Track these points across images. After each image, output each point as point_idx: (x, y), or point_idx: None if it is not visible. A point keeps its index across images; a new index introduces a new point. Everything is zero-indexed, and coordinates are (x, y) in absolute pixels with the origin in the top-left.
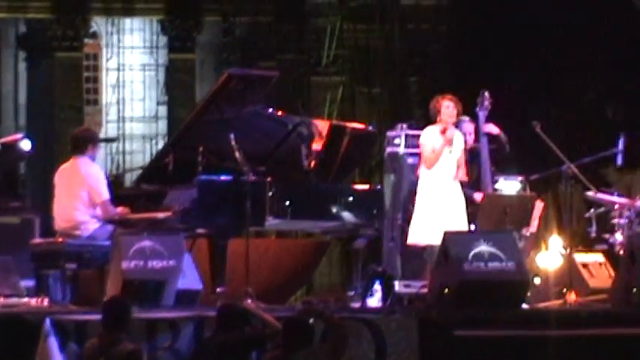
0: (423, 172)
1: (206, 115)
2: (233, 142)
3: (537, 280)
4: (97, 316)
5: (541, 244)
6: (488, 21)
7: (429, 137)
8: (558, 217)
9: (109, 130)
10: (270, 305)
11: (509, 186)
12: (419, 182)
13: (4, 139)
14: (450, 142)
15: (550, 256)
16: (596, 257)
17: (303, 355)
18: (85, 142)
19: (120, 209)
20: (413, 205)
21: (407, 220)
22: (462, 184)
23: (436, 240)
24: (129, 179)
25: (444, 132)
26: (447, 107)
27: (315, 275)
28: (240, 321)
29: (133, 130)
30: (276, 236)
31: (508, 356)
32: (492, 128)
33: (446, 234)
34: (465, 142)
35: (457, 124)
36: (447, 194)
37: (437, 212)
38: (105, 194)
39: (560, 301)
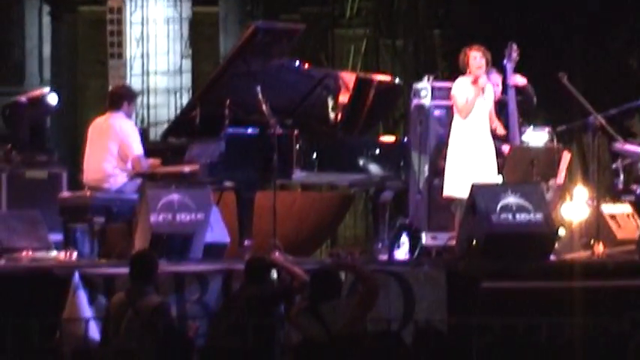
0: (456, 123)
1: (232, 68)
2: (260, 95)
3: (562, 231)
4: (125, 270)
5: (566, 195)
6: None
7: (461, 88)
8: (583, 169)
9: (133, 83)
10: (297, 258)
11: (537, 137)
12: (451, 133)
13: (30, 94)
14: (482, 91)
15: (575, 207)
16: (624, 208)
17: (330, 306)
18: (120, 98)
19: (151, 161)
20: (440, 158)
21: (433, 173)
22: (494, 132)
23: (465, 193)
24: (153, 133)
25: (475, 82)
26: (475, 58)
27: (339, 228)
28: (268, 274)
29: (157, 84)
30: (301, 190)
31: (535, 308)
32: (519, 80)
33: (473, 186)
34: (494, 92)
35: (486, 75)
36: (480, 145)
37: (469, 164)
38: (138, 149)
39: (588, 253)
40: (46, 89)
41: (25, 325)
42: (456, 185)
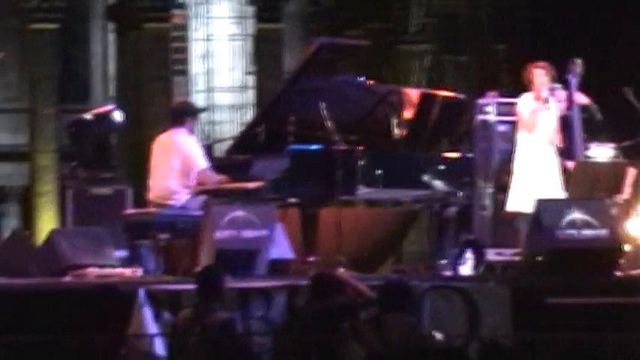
0: (521, 138)
1: (296, 84)
2: (324, 111)
3: (627, 248)
4: (190, 286)
5: (631, 211)
6: None
7: (526, 104)
8: None
9: (197, 100)
10: (362, 274)
11: (602, 153)
12: (517, 149)
13: (96, 110)
14: (545, 101)
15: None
16: None
17: (394, 319)
18: (183, 114)
19: (219, 177)
20: (504, 173)
21: (498, 188)
22: (558, 148)
23: (530, 207)
24: (218, 149)
25: (537, 98)
26: (538, 75)
27: (404, 244)
28: (333, 290)
29: (221, 101)
30: (365, 206)
31: (601, 324)
32: (582, 98)
33: (538, 201)
34: (558, 108)
35: (550, 91)
36: (545, 160)
37: (534, 179)
38: (202, 163)
39: None
40: (112, 106)
41: (90, 341)
42: (520, 200)
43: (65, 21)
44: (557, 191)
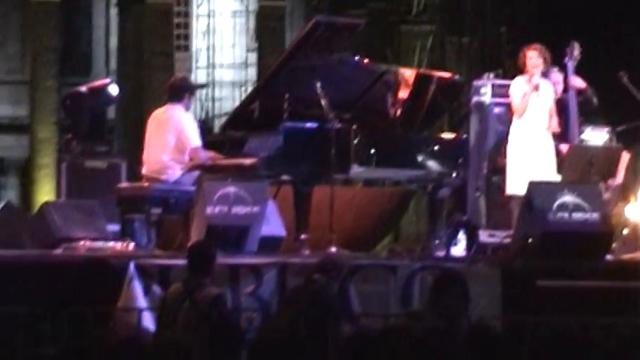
0: (514, 121)
1: (292, 62)
2: (319, 90)
3: (625, 232)
4: (181, 261)
5: (630, 196)
6: None
7: (517, 87)
8: None
9: (198, 76)
10: (355, 253)
11: (596, 137)
12: (510, 132)
13: (91, 84)
14: (535, 88)
15: (639, 208)
16: None
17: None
18: (181, 90)
19: (212, 154)
20: (499, 155)
21: (492, 170)
22: (553, 134)
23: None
24: (218, 125)
25: (529, 81)
26: (530, 58)
27: (402, 224)
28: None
29: (222, 77)
30: (362, 185)
31: (590, 307)
32: (579, 82)
33: (530, 184)
34: (555, 91)
35: (546, 74)
36: (537, 144)
37: (527, 162)
38: (195, 141)
39: None
40: (107, 80)
41: (80, 314)
42: (516, 183)
43: None
44: (551, 175)
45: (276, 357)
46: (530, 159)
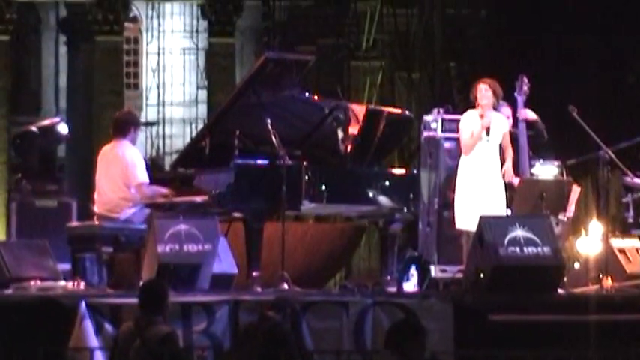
0: (462, 158)
1: (242, 98)
2: (269, 126)
3: (577, 265)
4: (133, 299)
5: (581, 230)
6: (528, 5)
7: (468, 122)
8: (597, 203)
9: (148, 113)
10: (307, 289)
11: (546, 171)
12: (460, 166)
13: (41, 123)
14: (487, 132)
15: (590, 242)
16: (633, 242)
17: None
18: (126, 125)
19: (162, 189)
20: (450, 190)
21: (443, 205)
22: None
23: (474, 226)
24: (168, 163)
25: (482, 117)
26: (481, 90)
27: (354, 260)
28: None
29: (172, 114)
30: (314, 221)
31: (543, 340)
32: (529, 114)
33: (481, 218)
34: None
35: (496, 108)
36: (488, 178)
37: (476, 198)
38: (141, 177)
39: (596, 286)
40: (57, 119)
41: (31, 353)
42: (465, 218)
43: (17, 33)
44: (501, 209)
45: None
46: (479, 194)
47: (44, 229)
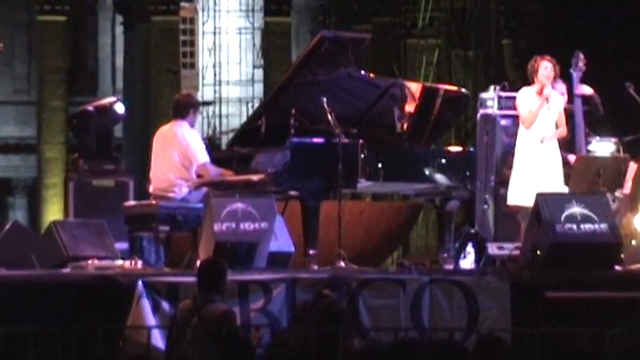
0: (521, 132)
1: (298, 77)
2: (325, 105)
3: (634, 243)
4: (190, 278)
5: (638, 207)
6: None
7: (526, 98)
8: None
9: (205, 93)
10: (364, 267)
11: (603, 147)
12: (517, 143)
13: (97, 103)
14: (547, 100)
15: None
16: None
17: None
18: (186, 107)
19: (222, 170)
20: (506, 167)
21: (500, 182)
22: (560, 142)
23: (532, 202)
24: (225, 142)
25: (540, 92)
26: (545, 68)
27: (412, 238)
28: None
29: (229, 94)
30: (371, 199)
31: (600, 318)
32: (586, 89)
33: (538, 196)
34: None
35: (552, 86)
36: (545, 155)
37: (535, 173)
38: (202, 157)
39: None
40: (114, 98)
41: (90, 332)
42: (521, 194)
43: (73, 13)
44: (558, 185)
45: None
46: (537, 170)
47: (102, 209)
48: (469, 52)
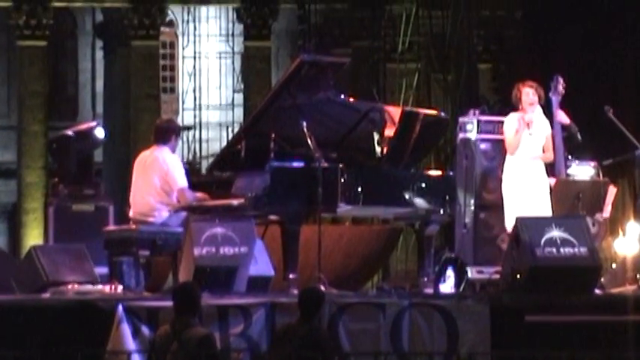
0: (507, 159)
1: (278, 101)
2: (305, 129)
3: (614, 266)
4: (170, 303)
5: (618, 230)
6: (563, 6)
7: (511, 124)
8: (634, 203)
9: (185, 117)
10: (344, 291)
11: (582, 171)
12: (504, 169)
13: (77, 127)
14: (528, 126)
15: (627, 242)
16: None
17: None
18: (168, 132)
19: (199, 195)
20: (486, 191)
21: (479, 206)
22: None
23: None
24: (205, 166)
25: (522, 118)
26: (527, 94)
27: (391, 261)
28: (320, 306)
29: (209, 118)
30: (351, 223)
31: (580, 341)
32: (563, 118)
33: (518, 219)
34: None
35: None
36: (533, 179)
37: (523, 198)
38: (181, 182)
39: (634, 287)
40: (94, 123)
41: (69, 357)
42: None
43: (53, 38)
44: (546, 210)
45: None
46: (525, 195)
47: (81, 233)
48: (448, 76)
